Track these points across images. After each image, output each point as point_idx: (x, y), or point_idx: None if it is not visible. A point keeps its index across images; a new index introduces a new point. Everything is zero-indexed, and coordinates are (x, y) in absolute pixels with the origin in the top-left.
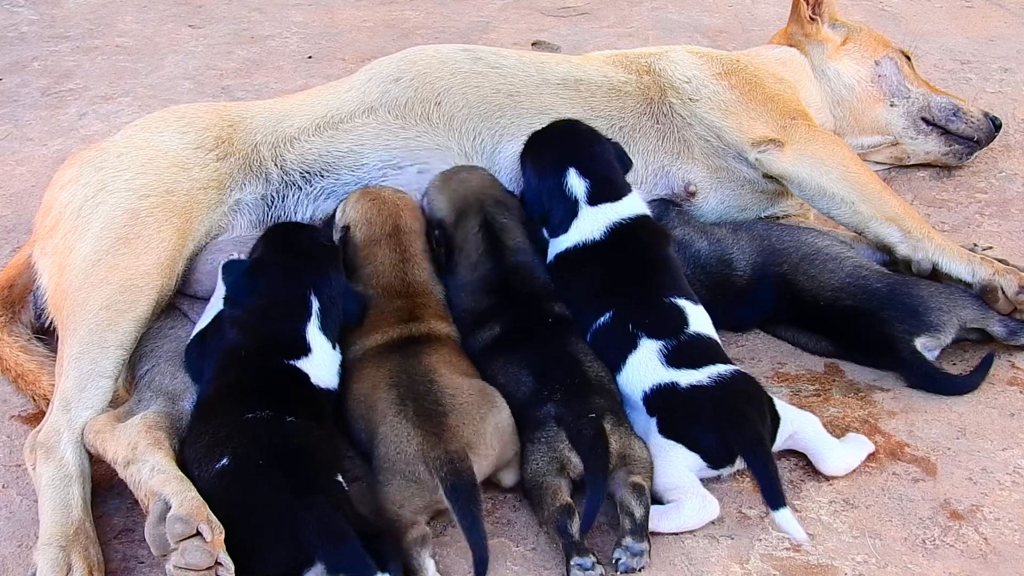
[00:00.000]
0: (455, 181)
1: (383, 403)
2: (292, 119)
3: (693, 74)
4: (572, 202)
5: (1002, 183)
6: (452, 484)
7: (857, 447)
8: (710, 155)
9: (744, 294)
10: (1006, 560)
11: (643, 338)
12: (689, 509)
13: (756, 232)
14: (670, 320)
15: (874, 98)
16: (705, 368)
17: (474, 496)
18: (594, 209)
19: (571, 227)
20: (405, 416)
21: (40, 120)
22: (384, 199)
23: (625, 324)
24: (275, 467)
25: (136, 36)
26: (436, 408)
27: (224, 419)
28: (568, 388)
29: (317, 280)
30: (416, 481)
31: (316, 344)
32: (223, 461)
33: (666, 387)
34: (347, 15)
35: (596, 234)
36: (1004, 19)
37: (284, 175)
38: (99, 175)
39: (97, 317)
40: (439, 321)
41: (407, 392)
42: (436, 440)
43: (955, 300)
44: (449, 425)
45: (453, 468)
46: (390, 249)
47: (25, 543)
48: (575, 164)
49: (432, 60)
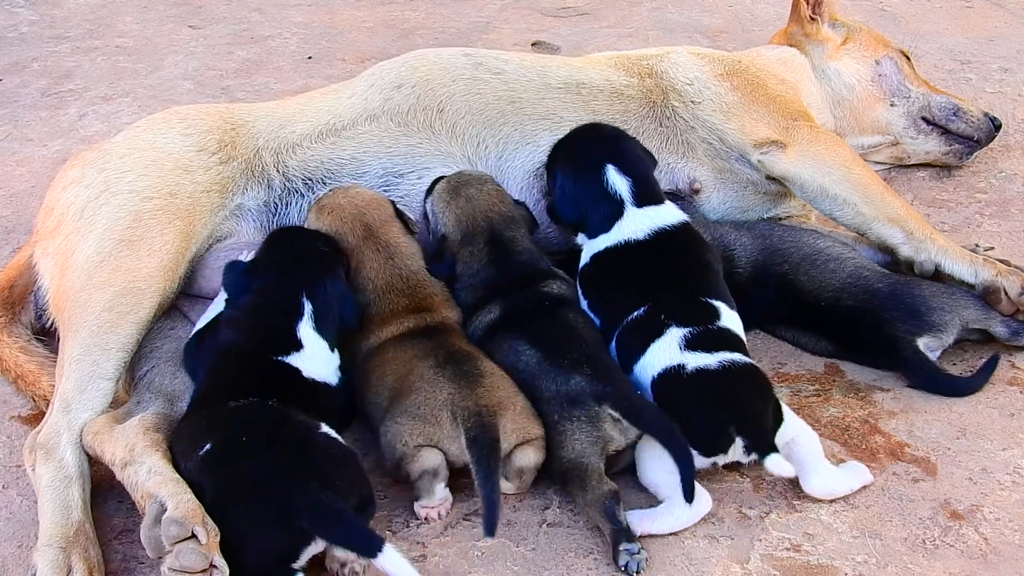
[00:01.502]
0: (463, 199)
1: (421, 367)
2: (295, 125)
3: (695, 76)
4: (617, 201)
5: (1002, 183)
6: (475, 436)
7: (851, 475)
8: (713, 157)
9: (744, 292)
10: (1006, 560)
11: (672, 327)
12: (680, 510)
13: (758, 231)
14: (702, 313)
15: (874, 98)
16: (718, 353)
17: (495, 451)
18: (640, 211)
19: (613, 227)
20: (443, 375)
21: (40, 121)
22: (341, 206)
23: (658, 315)
24: (259, 447)
25: (136, 36)
26: (474, 371)
27: (205, 410)
28: (594, 364)
29: (310, 283)
30: (429, 423)
31: (308, 340)
32: (206, 447)
33: (673, 370)
34: (347, 15)
35: (640, 234)
36: (1004, 19)
37: (286, 181)
38: (102, 176)
39: (99, 319)
40: (449, 309)
41: (446, 359)
42: (469, 392)
43: (957, 300)
44: (485, 384)
45: (480, 421)
46: (372, 251)
47: (25, 544)
48: (613, 162)
49: (433, 66)
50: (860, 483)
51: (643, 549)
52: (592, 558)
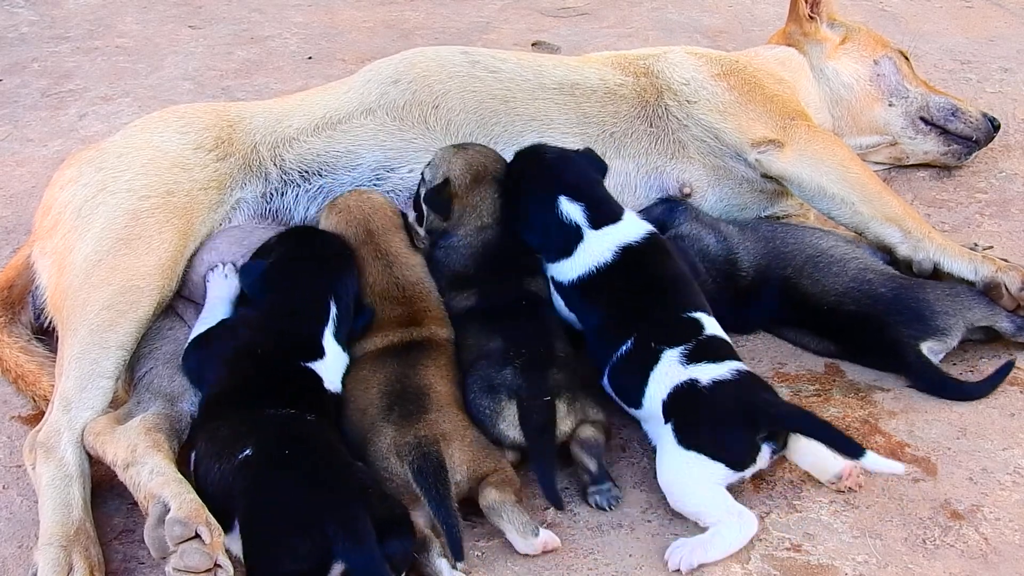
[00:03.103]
0: (473, 151)
1: (373, 408)
2: (291, 119)
3: (692, 76)
4: (574, 228)
5: (1002, 183)
6: (418, 466)
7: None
8: (707, 154)
9: (748, 296)
10: (1006, 560)
11: (665, 350)
12: (729, 533)
13: (762, 233)
14: (688, 329)
15: (872, 97)
16: (726, 363)
17: (440, 475)
18: (599, 233)
19: (576, 251)
20: (388, 419)
21: (40, 121)
22: (349, 208)
23: (648, 343)
24: (300, 460)
25: (136, 37)
26: (419, 407)
27: (243, 413)
28: (530, 359)
29: (337, 286)
30: (383, 475)
31: (330, 348)
32: (247, 452)
33: (686, 387)
34: (347, 16)
35: (606, 256)
36: (1004, 19)
37: (283, 174)
38: (99, 175)
39: (98, 318)
40: (439, 326)
41: (396, 399)
42: (407, 429)
43: (961, 302)
44: (427, 419)
45: (420, 452)
46: (372, 256)
47: (25, 543)
48: (564, 192)
49: (431, 63)
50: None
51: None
52: (592, 558)
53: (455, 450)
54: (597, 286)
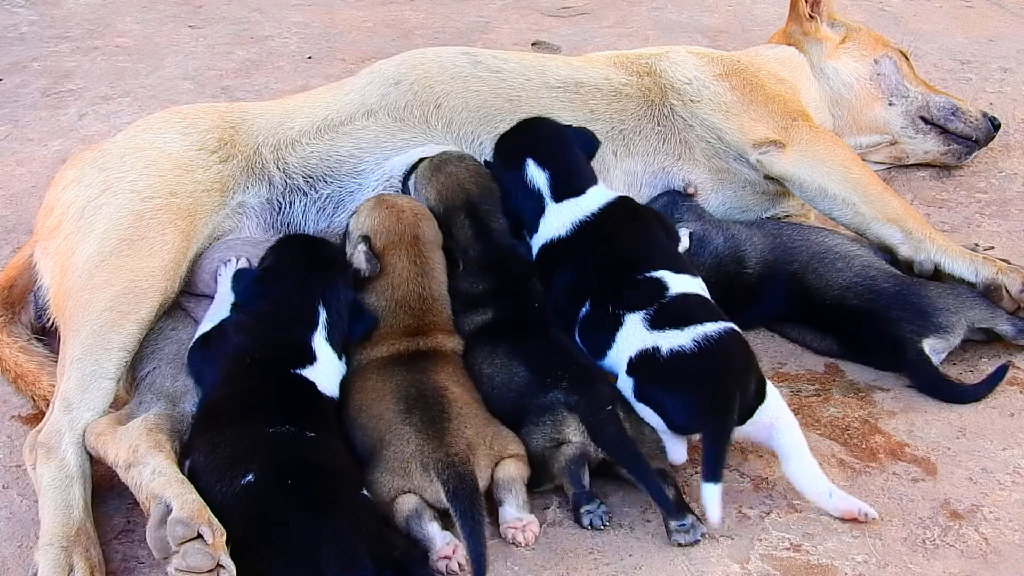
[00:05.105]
0: (443, 174)
1: (390, 413)
2: (293, 121)
3: (694, 75)
4: (538, 197)
5: (1002, 183)
6: (454, 488)
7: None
8: (711, 156)
9: (755, 291)
10: (1006, 560)
11: (626, 314)
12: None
13: (768, 230)
14: (648, 291)
15: (873, 97)
16: (689, 328)
17: (475, 502)
18: (559, 207)
19: (539, 224)
20: (410, 423)
21: (40, 120)
22: (402, 207)
23: (605, 308)
24: (299, 485)
25: (136, 36)
26: (441, 415)
27: (243, 431)
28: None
29: (326, 292)
30: (399, 476)
31: (321, 353)
32: (248, 478)
33: (648, 353)
34: (347, 15)
35: (563, 231)
36: (1004, 19)
37: (287, 178)
38: (102, 176)
39: (100, 319)
40: (446, 336)
41: (415, 403)
42: (438, 443)
43: (963, 301)
44: (451, 429)
45: (455, 472)
46: (408, 260)
47: (26, 544)
48: (531, 154)
49: (432, 64)
50: (847, 509)
51: (603, 504)
52: (592, 558)
53: (480, 456)
54: (554, 252)
